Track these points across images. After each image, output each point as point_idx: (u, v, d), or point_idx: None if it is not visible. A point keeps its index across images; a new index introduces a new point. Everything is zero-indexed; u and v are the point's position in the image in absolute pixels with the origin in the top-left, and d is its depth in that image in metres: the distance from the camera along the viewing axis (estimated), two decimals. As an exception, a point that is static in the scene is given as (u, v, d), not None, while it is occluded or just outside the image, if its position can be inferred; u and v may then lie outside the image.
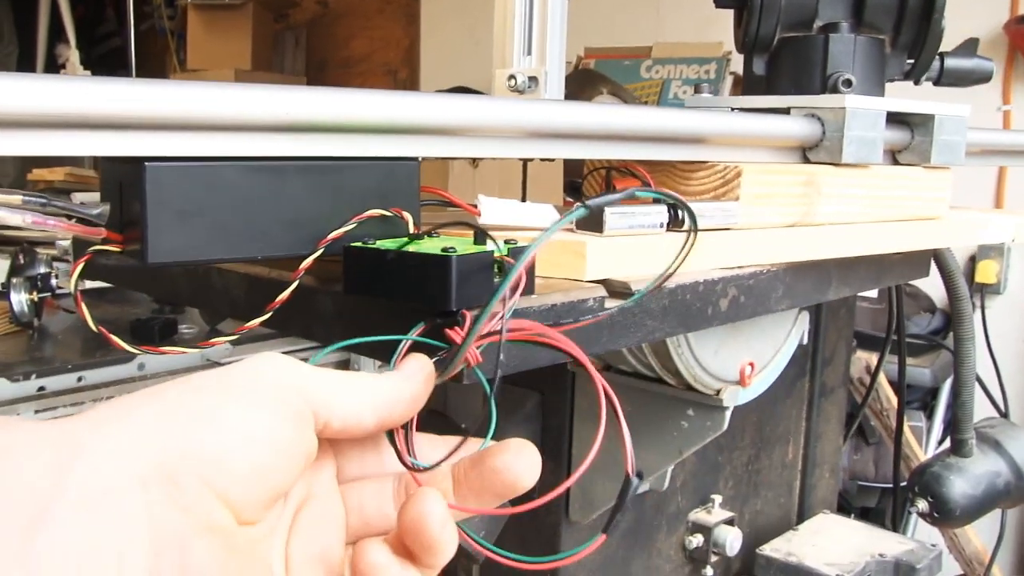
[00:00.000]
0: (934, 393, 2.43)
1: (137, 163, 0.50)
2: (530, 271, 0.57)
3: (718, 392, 0.81)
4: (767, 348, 0.87)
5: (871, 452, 2.44)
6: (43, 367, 1.52)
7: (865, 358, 2.25)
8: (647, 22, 3.10)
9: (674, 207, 0.68)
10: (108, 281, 0.87)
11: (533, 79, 0.87)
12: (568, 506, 0.93)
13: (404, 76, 3.82)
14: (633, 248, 0.65)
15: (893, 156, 0.89)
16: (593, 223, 0.64)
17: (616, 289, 0.62)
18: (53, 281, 1.73)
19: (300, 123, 0.53)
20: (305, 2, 4.21)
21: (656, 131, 0.68)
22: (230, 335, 0.58)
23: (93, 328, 0.55)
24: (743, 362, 0.82)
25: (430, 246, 0.54)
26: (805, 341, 0.94)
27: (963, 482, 1.21)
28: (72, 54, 3.77)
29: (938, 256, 1.14)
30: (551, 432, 0.95)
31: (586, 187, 0.77)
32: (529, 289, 0.56)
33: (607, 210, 0.63)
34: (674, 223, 0.68)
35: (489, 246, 0.55)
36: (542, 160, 0.81)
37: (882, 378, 2.29)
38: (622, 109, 0.68)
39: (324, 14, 4.14)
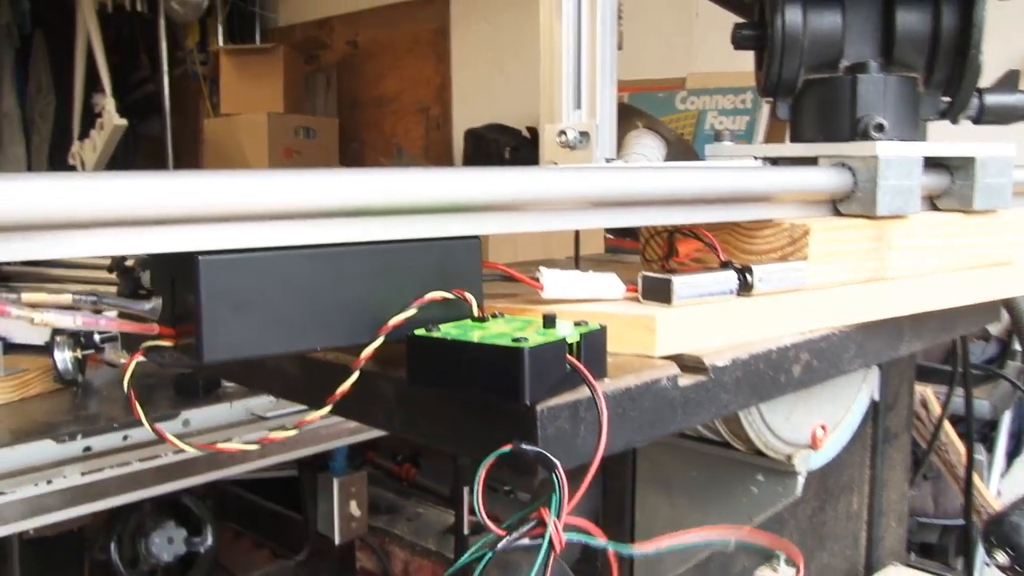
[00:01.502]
0: (993, 425, 2.36)
1: (189, 257, 0.48)
2: (600, 353, 0.54)
3: (789, 457, 0.78)
4: (838, 408, 0.83)
5: (929, 487, 2.37)
6: (88, 426, 1.52)
7: (920, 390, 2.18)
8: (680, 53, 3.08)
9: (743, 271, 0.65)
10: (186, 365, 0.85)
11: (584, 134, 0.85)
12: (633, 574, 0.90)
13: (436, 113, 3.82)
14: (704, 318, 0.62)
15: (931, 202, 0.83)
16: (660, 293, 0.61)
17: (689, 364, 0.59)
18: (97, 337, 1.72)
19: (355, 207, 0.51)
20: (335, 43, 4.24)
21: (664, 194, 0.63)
22: (290, 430, 0.56)
23: (149, 429, 0.53)
24: (814, 425, 0.79)
25: (497, 332, 0.51)
26: (876, 397, 0.90)
27: (1041, 530, 1.15)
28: (108, 102, 3.81)
29: (1007, 299, 1.09)
30: (613, 495, 0.91)
31: (648, 250, 0.74)
32: (600, 372, 0.54)
33: (675, 280, 0.60)
34: (744, 288, 0.65)
35: (560, 329, 0.52)
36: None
37: (938, 411, 2.22)
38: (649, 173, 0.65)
39: (354, 54, 4.17)
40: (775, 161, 0.79)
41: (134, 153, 5.13)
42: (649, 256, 0.74)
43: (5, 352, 1.69)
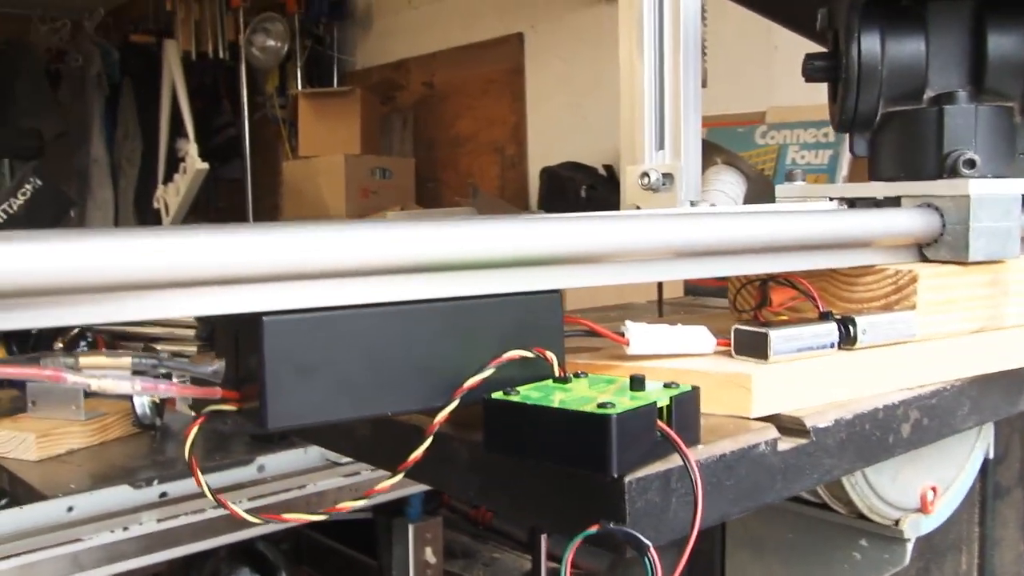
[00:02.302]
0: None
1: (253, 318, 0.45)
2: (693, 417, 0.50)
3: (897, 522, 0.72)
4: (951, 468, 0.77)
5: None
6: (165, 472, 1.51)
7: None
8: (759, 86, 3.02)
9: (845, 322, 0.60)
10: (251, 429, 0.84)
11: (668, 176, 0.81)
12: (723, 641, 0.84)
13: (511, 152, 3.81)
14: (804, 374, 0.57)
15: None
16: (756, 348, 0.57)
17: (789, 427, 0.54)
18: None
19: (426, 263, 0.48)
20: (411, 85, 4.28)
21: (722, 243, 0.57)
22: (359, 500, 0.52)
23: (208, 494, 0.51)
24: (925, 487, 0.72)
25: (581, 395, 0.47)
26: (991, 455, 0.83)
27: None
28: (191, 147, 3.90)
29: None
30: (702, 556, 0.86)
31: (740, 300, 0.70)
32: (693, 439, 0.49)
33: (772, 333, 0.56)
34: (846, 340, 0.60)
35: (649, 392, 0.48)
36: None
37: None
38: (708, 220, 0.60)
39: (430, 95, 4.19)
40: (852, 202, 0.73)
41: (215, 196, 5.25)
42: (740, 306, 0.70)
43: (86, 396, 1.70)
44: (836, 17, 0.74)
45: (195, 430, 0.49)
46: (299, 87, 4.50)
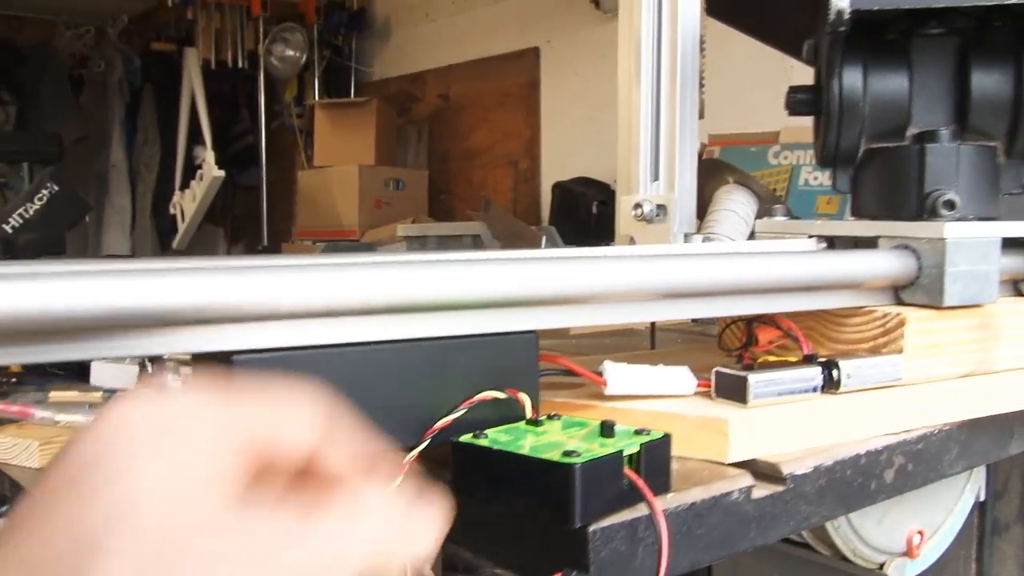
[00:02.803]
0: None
1: (224, 357, 0.45)
2: (663, 464, 0.49)
3: (882, 566, 0.71)
4: (938, 512, 0.76)
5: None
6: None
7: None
8: (773, 105, 3.00)
9: (828, 366, 0.59)
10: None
11: (662, 207, 0.80)
12: None
13: (525, 166, 3.81)
14: (784, 419, 0.56)
15: (1015, 287, 0.74)
16: (735, 391, 0.56)
17: (765, 473, 0.54)
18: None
19: (400, 304, 0.47)
20: (427, 97, 4.29)
21: (688, 286, 0.56)
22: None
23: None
24: (911, 531, 0.72)
25: (551, 440, 0.47)
26: (982, 498, 0.82)
27: None
28: (208, 154, 3.92)
29: None
30: (687, 592, 0.85)
31: (726, 340, 0.69)
32: (663, 487, 0.49)
33: (751, 378, 0.55)
34: (830, 385, 0.59)
35: (619, 438, 0.47)
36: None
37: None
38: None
39: (446, 108, 4.21)
40: (831, 241, 0.71)
41: (232, 203, 5.29)
42: (726, 345, 0.69)
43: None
44: (820, 50, 0.74)
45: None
46: (316, 97, 4.52)
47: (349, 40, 4.68)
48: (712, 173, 2.48)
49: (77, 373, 2.28)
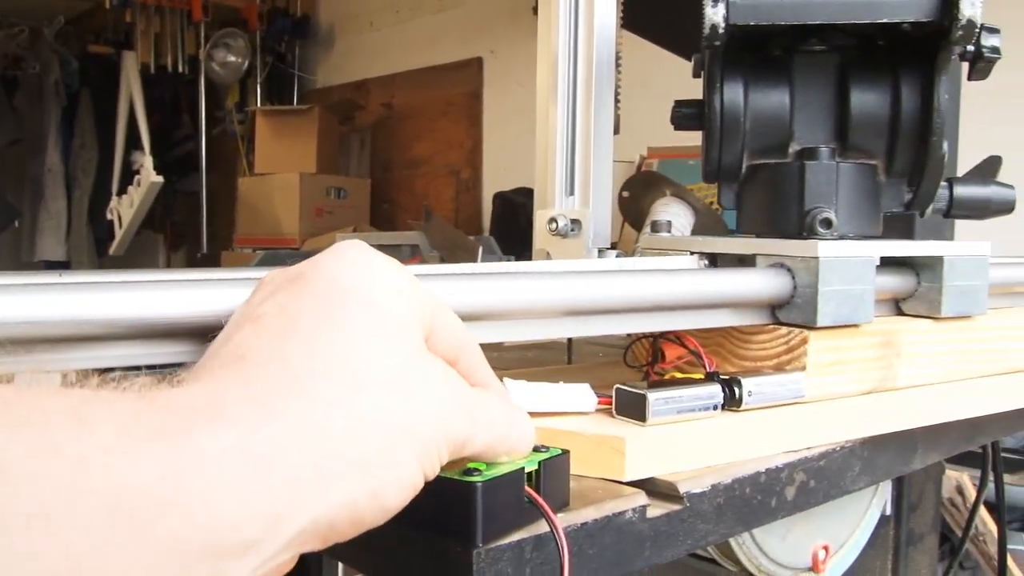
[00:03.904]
0: (1035, 513, 2.24)
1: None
2: (562, 481, 0.49)
3: (788, 581, 0.71)
4: (843, 527, 0.77)
5: (966, 577, 2.25)
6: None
7: (955, 476, 2.08)
8: (712, 120, 3.04)
9: (730, 384, 0.60)
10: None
11: (576, 222, 0.80)
12: None
13: (467, 176, 3.81)
14: (683, 437, 0.56)
15: (896, 305, 0.74)
16: (635, 409, 0.56)
17: (661, 492, 0.54)
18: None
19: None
20: (371, 105, 4.28)
21: (552, 305, 0.54)
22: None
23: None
24: (816, 546, 0.72)
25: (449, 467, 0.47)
26: (888, 512, 0.83)
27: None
28: (146, 160, 3.86)
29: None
30: (602, 608, 0.85)
31: (633, 355, 0.69)
32: (561, 503, 0.48)
33: (650, 396, 0.55)
34: (730, 402, 0.60)
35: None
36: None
37: (973, 495, 2.12)
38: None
39: (389, 116, 4.19)
40: (713, 258, 0.70)
41: (173, 209, 5.20)
42: (632, 361, 0.69)
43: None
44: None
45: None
46: (258, 103, 4.48)
47: (292, 47, 4.65)
48: (649, 186, 2.49)
49: None
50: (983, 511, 2.08)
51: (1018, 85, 2.45)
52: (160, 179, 3.73)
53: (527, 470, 0.46)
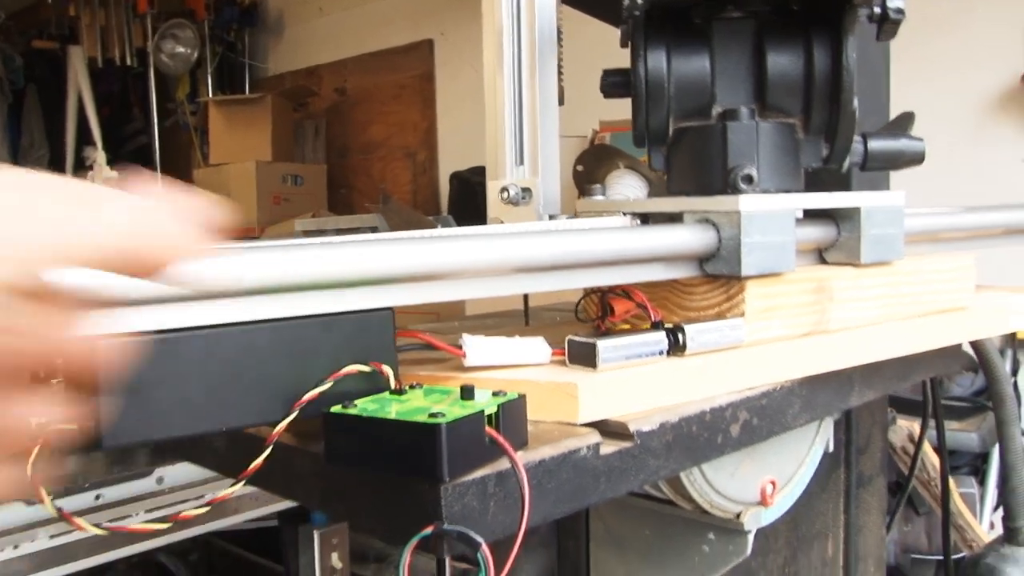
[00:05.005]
0: (984, 457, 2.33)
1: (91, 342, 0.47)
2: (520, 422, 0.53)
3: (738, 515, 0.76)
4: (789, 463, 0.82)
5: (923, 523, 2.34)
6: (60, 485, 1.50)
7: (907, 425, 2.16)
8: (661, 92, 3.09)
9: (674, 331, 0.64)
10: (89, 449, 0.84)
11: (527, 190, 0.84)
12: (590, 635, 0.88)
13: (423, 158, 3.83)
14: (631, 382, 0.61)
15: (820, 255, 0.79)
16: (586, 357, 0.61)
17: (613, 431, 0.58)
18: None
19: (258, 286, 0.50)
20: (323, 91, 4.27)
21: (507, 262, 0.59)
22: (201, 508, 0.55)
23: (53, 513, 0.52)
24: (763, 481, 0.77)
25: (415, 406, 0.50)
26: (831, 449, 0.89)
27: (1020, 573, 1.13)
28: (99, 155, 3.84)
29: (975, 341, 1.08)
30: (567, 556, 0.90)
31: (583, 310, 0.74)
32: (520, 443, 0.53)
33: (599, 344, 0.59)
34: (675, 348, 0.64)
35: (478, 400, 0.51)
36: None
37: (926, 445, 2.20)
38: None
39: (342, 102, 4.20)
40: (645, 218, 0.74)
41: (127, 204, 5.15)
42: (583, 317, 0.73)
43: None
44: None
45: (35, 452, 0.50)
46: (210, 94, 4.45)
47: (242, 36, 4.62)
48: (603, 158, 2.54)
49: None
50: (933, 457, 2.17)
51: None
52: (114, 174, 3.70)
53: (487, 412, 0.51)
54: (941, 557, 2.32)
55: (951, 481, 1.98)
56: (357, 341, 0.55)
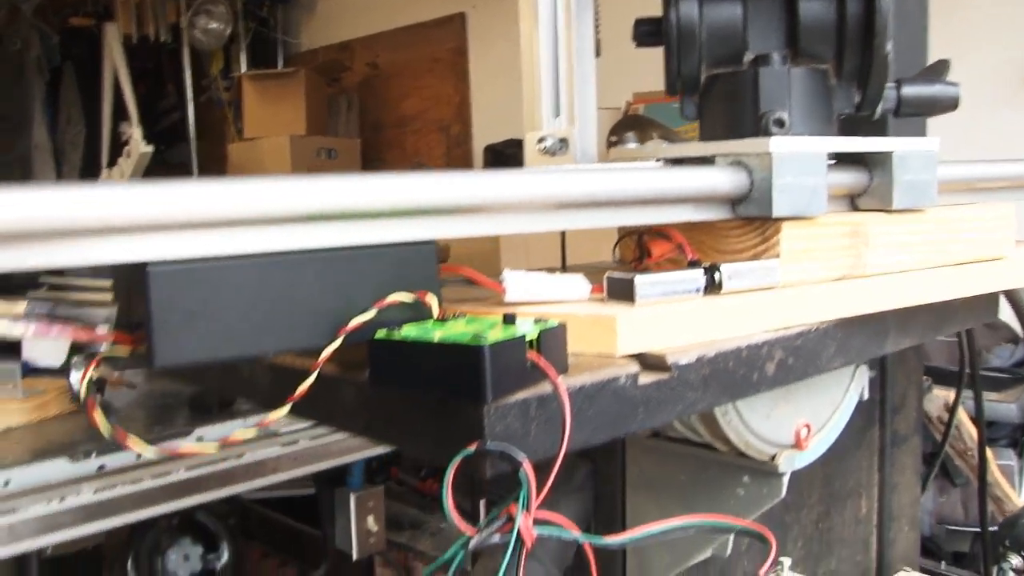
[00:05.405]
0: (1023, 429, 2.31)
1: (140, 268, 0.48)
2: (560, 349, 0.54)
3: (773, 457, 0.77)
4: (824, 407, 0.82)
5: (959, 494, 2.33)
6: (103, 444, 1.53)
7: (944, 395, 2.15)
8: (695, 63, 3.06)
9: (710, 270, 0.65)
10: (141, 367, 0.87)
11: (563, 141, 0.85)
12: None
13: (457, 131, 3.84)
14: (668, 317, 0.62)
15: (851, 201, 0.79)
16: (624, 293, 0.62)
17: (651, 363, 0.59)
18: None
19: (306, 213, 0.51)
20: (356, 65, 4.29)
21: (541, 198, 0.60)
22: (248, 433, 0.56)
23: (107, 434, 0.54)
24: (798, 424, 0.78)
25: (458, 332, 0.52)
26: (866, 396, 0.89)
27: (1055, 531, 1.13)
28: (135, 131, 3.87)
29: (1010, 293, 1.08)
30: (604, 501, 0.91)
31: (620, 251, 0.74)
32: (560, 369, 0.54)
33: (637, 280, 0.60)
34: (712, 287, 0.65)
35: (520, 327, 0.52)
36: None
37: (964, 415, 2.18)
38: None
39: (375, 76, 4.21)
40: (679, 163, 0.74)
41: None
42: (622, 259, 0.74)
43: (25, 376, 1.72)
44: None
45: (90, 372, 0.52)
46: (243, 69, 4.48)
47: (275, 11, 4.64)
48: (637, 129, 2.54)
49: (5, 347, 2.27)
50: (971, 427, 2.15)
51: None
52: (150, 148, 3.74)
53: (528, 338, 0.52)
54: (977, 529, 2.31)
55: (989, 452, 1.97)
56: (401, 272, 0.56)
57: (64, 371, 1.71)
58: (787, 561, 1.05)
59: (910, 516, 1.27)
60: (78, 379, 1.67)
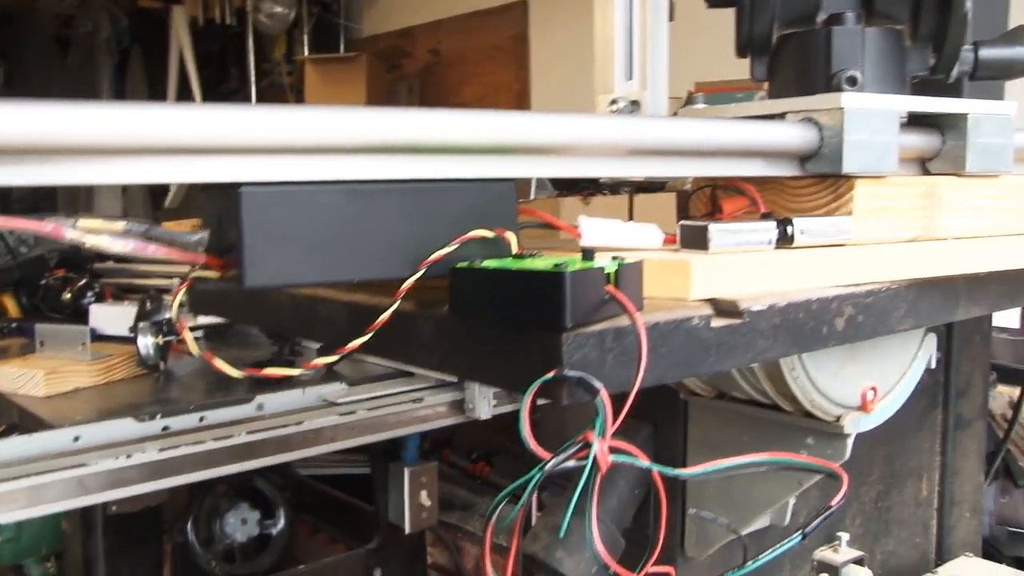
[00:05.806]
0: (1089, 429, 2.26)
1: (233, 189, 0.50)
2: (636, 285, 0.55)
3: (838, 419, 0.77)
4: (891, 372, 0.82)
5: (1021, 495, 2.28)
6: (167, 407, 1.57)
7: (1008, 392, 2.11)
8: (757, 53, 3.04)
9: (783, 223, 0.65)
10: (218, 314, 0.89)
11: (635, 103, 0.85)
12: (684, 542, 0.90)
13: (514, 119, 3.85)
14: (741, 266, 0.62)
15: (922, 164, 0.77)
16: (698, 240, 0.62)
17: (724, 308, 0.60)
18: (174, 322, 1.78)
19: (394, 144, 0.53)
20: (417, 52, 4.32)
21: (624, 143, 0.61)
22: (330, 358, 0.58)
23: (196, 354, 0.56)
24: (865, 387, 0.78)
25: (539, 264, 0.53)
26: (933, 365, 0.88)
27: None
28: (199, 112, 3.94)
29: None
30: (665, 461, 0.91)
31: (692, 206, 0.75)
32: (637, 305, 0.55)
33: (711, 228, 0.61)
34: (783, 240, 0.65)
35: (599, 262, 0.53)
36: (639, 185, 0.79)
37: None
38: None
39: (436, 62, 4.23)
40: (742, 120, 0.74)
41: (224, 163, 5.29)
42: (694, 213, 0.75)
43: (93, 340, 1.77)
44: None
45: (183, 291, 0.54)
46: (306, 53, 4.54)
47: (338, -3, 4.69)
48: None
49: (72, 316, 2.33)
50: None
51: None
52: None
53: (606, 271, 0.52)
54: (1039, 531, 2.26)
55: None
56: (481, 209, 0.57)
57: (131, 339, 1.76)
58: (845, 536, 1.05)
59: (972, 503, 1.25)
60: (146, 343, 1.71)
